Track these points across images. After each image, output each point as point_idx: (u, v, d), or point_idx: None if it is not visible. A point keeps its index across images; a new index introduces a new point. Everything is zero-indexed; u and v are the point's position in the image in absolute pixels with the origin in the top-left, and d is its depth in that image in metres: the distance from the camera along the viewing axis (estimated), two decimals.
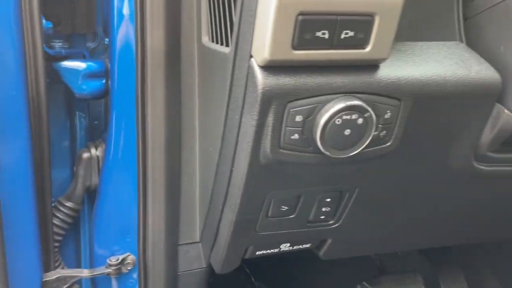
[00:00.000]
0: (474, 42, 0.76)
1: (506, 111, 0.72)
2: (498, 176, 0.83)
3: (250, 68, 0.61)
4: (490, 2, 0.73)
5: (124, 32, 0.90)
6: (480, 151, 0.78)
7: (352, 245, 0.96)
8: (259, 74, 0.60)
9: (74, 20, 1.01)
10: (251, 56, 0.61)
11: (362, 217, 0.86)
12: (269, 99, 0.60)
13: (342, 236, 0.90)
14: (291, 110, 0.62)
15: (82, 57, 1.02)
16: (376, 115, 0.65)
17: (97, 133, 1.14)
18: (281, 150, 0.65)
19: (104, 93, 0.99)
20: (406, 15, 0.76)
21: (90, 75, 0.97)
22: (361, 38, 0.59)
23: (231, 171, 0.74)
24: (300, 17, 0.55)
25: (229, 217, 0.79)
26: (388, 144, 0.69)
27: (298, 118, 0.62)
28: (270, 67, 0.60)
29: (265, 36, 0.56)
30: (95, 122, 1.17)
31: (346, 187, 0.78)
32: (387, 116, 0.66)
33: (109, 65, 0.95)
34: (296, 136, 0.64)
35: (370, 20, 0.58)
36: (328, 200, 0.80)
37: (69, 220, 1.05)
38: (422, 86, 0.66)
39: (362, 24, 0.58)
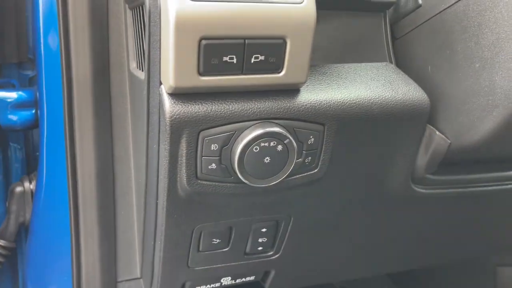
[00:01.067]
0: (404, 62, 0.75)
1: (437, 132, 0.70)
2: (439, 198, 0.80)
3: (160, 95, 0.58)
4: (415, 22, 0.71)
5: (51, 60, 0.86)
6: (417, 173, 0.75)
7: (298, 275, 0.92)
8: (167, 101, 0.56)
9: (4, 50, 0.97)
10: (160, 83, 0.58)
11: (303, 246, 0.83)
12: (179, 127, 0.57)
13: (285, 267, 0.86)
14: (206, 138, 0.58)
15: (11, 87, 0.98)
16: (299, 141, 0.62)
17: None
18: (199, 181, 0.61)
19: (34, 124, 0.94)
20: (333, 37, 0.75)
21: (19, 105, 0.93)
22: (274, 62, 0.56)
23: (157, 204, 0.70)
24: (204, 42, 0.52)
25: (158, 252, 0.74)
26: (315, 170, 0.66)
27: (214, 147, 0.59)
28: (179, 94, 0.57)
29: (169, 63, 0.53)
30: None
31: (280, 216, 0.74)
32: (311, 141, 0.63)
33: (37, 94, 0.91)
34: (213, 165, 0.60)
35: (281, 43, 0.55)
36: (264, 230, 0.76)
37: (0, 259, 0.99)
38: (345, 110, 0.63)
39: (273, 48, 0.55)
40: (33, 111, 0.93)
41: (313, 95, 0.62)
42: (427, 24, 0.69)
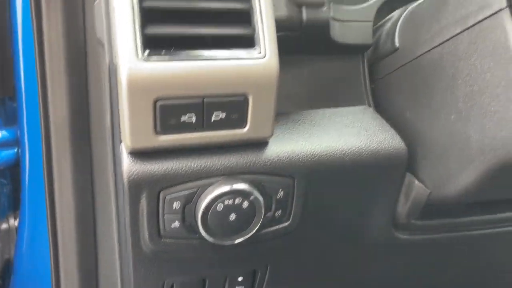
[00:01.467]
0: (383, 105, 0.72)
1: (416, 182, 0.67)
2: (427, 243, 0.77)
3: (120, 153, 0.56)
4: (393, 65, 0.69)
5: (31, 99, 0.86)
6: (399, 220, 0.72)
7: None
8: (125, 160, 0.55)
9: None
10: (121, 141, 0.56)
11: None
12: (137, 186, 0.55)
13: None
14: (167, 196, 0.56)
15: None
16: (267, 195, 0.59)
17: None
18: (162, 239, 0.59)
19: (17, 163, 0.94)
20: (309, 82, 0.72)
21: (1, 144, 0.93)
22: (236, 119, 0.54)
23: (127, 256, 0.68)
24: (160, 103, 0.51)
25: None
26: (287, 224, 0.63)
27: (176, 205, 0.57)
28: (138, 153, 0.55)
29: (125, 123, 0.52)
30: None
31: (255, 265, 0.72)
32: (280, 196, 0.60)
33: (18, 133, 0.90)
34: (176, 224, 0.58)
35: (242, 100, 0.53)
36: (240, 279, 0.73)
37: None
38: (316, 162, 0.61)
39: (234, 105, 0.53)
40: (15, 150, 0.93)
41: (281, 147, 0.60)
42: (404, 68, 0.67)
